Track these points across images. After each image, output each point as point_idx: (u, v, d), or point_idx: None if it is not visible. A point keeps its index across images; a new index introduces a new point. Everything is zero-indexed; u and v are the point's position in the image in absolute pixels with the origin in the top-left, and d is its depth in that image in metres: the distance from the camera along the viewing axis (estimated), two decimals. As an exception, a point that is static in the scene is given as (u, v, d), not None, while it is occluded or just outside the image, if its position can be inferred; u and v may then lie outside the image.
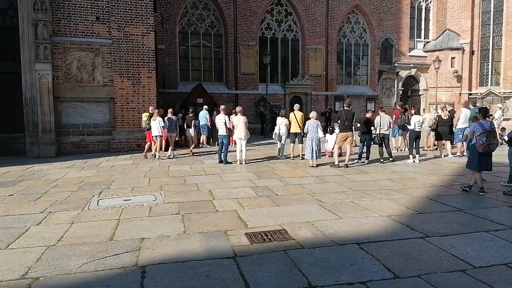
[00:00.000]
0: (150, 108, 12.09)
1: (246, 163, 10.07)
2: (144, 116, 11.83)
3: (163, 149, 11.50)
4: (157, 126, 11.08)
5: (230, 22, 20.31)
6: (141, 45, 12.90)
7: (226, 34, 20.54)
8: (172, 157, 11.45)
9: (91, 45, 12.48)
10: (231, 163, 10.17)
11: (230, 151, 10.88)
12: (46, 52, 11.74)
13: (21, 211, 5.68)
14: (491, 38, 23.95)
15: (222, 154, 10.27)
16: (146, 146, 11.68)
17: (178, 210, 5.59)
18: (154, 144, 11.37)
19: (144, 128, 11.72)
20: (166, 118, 11.59)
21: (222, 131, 10.38)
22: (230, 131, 10.61)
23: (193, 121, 13.20)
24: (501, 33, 23.55)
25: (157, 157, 11.17)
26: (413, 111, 11.28)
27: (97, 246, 4.15)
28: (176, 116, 12.77)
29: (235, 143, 10.92)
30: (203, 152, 12.85)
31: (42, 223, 5.08)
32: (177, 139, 13.06)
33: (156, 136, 11.18)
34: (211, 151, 12.73)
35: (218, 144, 10.89)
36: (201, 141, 14.31)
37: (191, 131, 13.10)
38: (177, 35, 19.76)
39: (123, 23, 12.63)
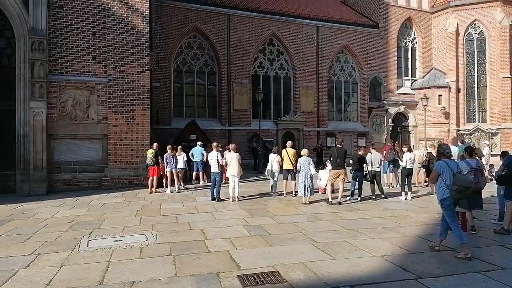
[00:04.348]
0: (155, 144, 12.32)
1: (239, 200, 10.05)
2: (150, 153, 12.00)
3: (177, 182, 12.44)
4: (182, 160, 12.66)
5: (223, 61, 20.89)
6: (136, 83, 13.16)
7: (220, 72, 21.05)
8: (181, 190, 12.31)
9: (87, 84, 12.70)
10: (224, 200, 10.14)
11: (223, 185, 10.92)
12: (42, 90, 11.89)
13: (9, 252, 5.56)
14: (475, 76, 24.87)
15: (214, 191, 10.26)
16: (150, 182, 11.87)
17: (169, 251, 5.52)
18: (164, 178, 12.46)
19: (149, 164, 11.92)
20: (169, 154, 12.13)
21: (214, 168, 10.44)
22: (222, 168, 10.67)
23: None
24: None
25: (176, 189, 12.08)
26: (405, 149, 11.47)
27: (86, 291, 4.07)
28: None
29: (228, 180, 10.94)
30: (195, 187, 12.81)
31: (31, 265, 4.97)
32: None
33: (182, 169, 12.74)
34: (198, 187, 12.71)
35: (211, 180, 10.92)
36: (193, 177, 14.32)
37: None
38: (172, 73, 20.19)
39: (119, 62, 12.94)
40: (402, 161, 11.07)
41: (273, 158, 11.29)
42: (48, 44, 12.10)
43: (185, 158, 13.08)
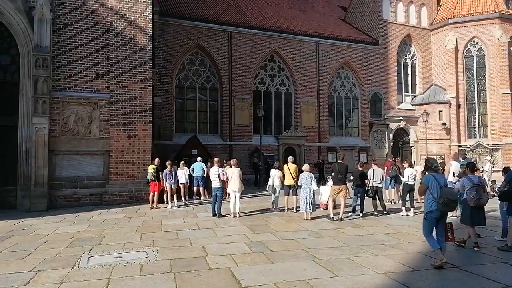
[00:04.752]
0: (156, 160, 12.36)
1: (240, 216, 9.99)
2: (151, 169, 12.03)
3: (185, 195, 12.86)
4: (184, 175, 12.86)
5: (225, 77, 21.09)
6: (138, 99, 13.26)
7: (222, 88, 21.23)
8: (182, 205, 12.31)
9: (89, 100, 12.80)
10: (225, 216, 10.09)
11: (224, 201, 10.90)
12: (45, 106, 11.97)
13: (9, 269, 5.52)
14: (475, 92, 25.01)
15: (216, 206, 10.22)
16: (151, 197, 11.88)
17: (170, 268, 5.47)
18: (165, 193, 12.38)
19: (150, 180, 11.96)
20: (167, 170, 12.16)
21: (216, 183, 10.41)
22: (224, 184, 10.66)
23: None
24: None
25: (176, 203, 12.04)
26: (406, 164, 11.46)
27: (86, 309, 4.02)
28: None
29: (229, 195, 10.91)
30: (195, 203, 12.76)
31: (31, 282, 4.93)
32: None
33: (184, 183, 12.91)
34: (199, 203, 12.66)
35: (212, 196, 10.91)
36: (194, 193, 14.28)
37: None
38: (174, 89, 20.37)
39: (122, 78, 13.07)
40: (403, 177, 11.05)
41: (274, 173, 11.28)
42: (52, 60, 12.24)
43: (187, 173, 13.19)
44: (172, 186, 12.25)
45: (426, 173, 6.06)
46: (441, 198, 5.42)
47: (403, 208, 10.47)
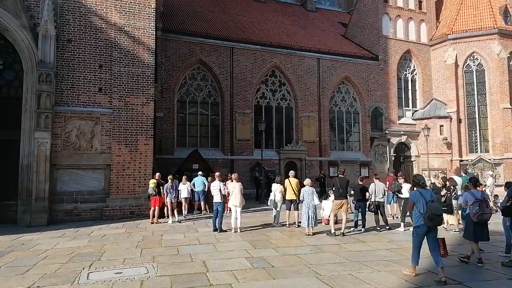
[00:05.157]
0: (157, 174, 12.39)
1: (241, 231, 9.91)
2: (152, 183, 12.03)
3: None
4: (186, 189, 12.87)
5: (226, 92, 21.24)
6: (140, 114, 13.33)
7: (223, 103, 21.35)
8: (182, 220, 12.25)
9: (92, 114, 12.87)
10: (226, 231, 10.02)
11: (225, 216, 10.84)
12: (47, 121, 12.04)
13: (8, 285, 5.47)
14: (476, 107, 25.09)
15: (217, 221, 10.15)
16: (151, 212, 11.83)
17: (170, 284, 5.42)
18: (165, 208, 12.32)
19: (150, 194, 11.94)
20: (169, 184, 12.14)
21: (217, 198, 10.38)
22: (225, 198, 10.62)
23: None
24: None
25: (177, 218, 12.02)
26: (401, 180, 11.44)
27: (85, 326, 3.97)
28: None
29: (230, 210, 10.86)
30: (196, 218, 12.68)
31: (29, 299, 4.88)
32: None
33: (186, 198, 12.89)
34: (200, 217, 12.58)
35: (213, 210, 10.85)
36: (195, 207, 14.21)
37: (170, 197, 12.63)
38: (176, 104, 20.49)
39: (125, 93, 13.17)
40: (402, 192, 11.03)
41: (276, 188, 11.24)
42: (55, 76, 12.37)
43: (189, 187, 13.21)
44: (173, 201, 12.22)
45: (414, 188, 6.27)
46: (426, 213, 5.60)
47: (402, 224, 10.37)
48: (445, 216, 9.84)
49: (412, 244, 5.96)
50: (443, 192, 9.97)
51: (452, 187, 10.21)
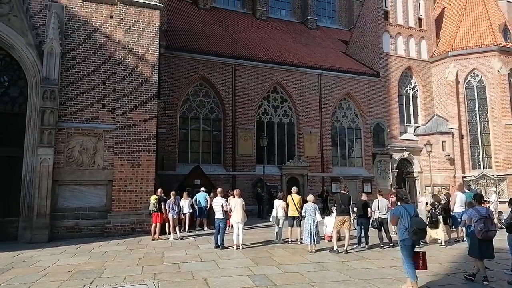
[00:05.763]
0: (159, 190, 12.39)
1: (243, 248, 9.83)
2: (153, 199, 12.00)
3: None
4: (188, 205, 13.04)
5: (229, 108, 21.36)
6: (143, 130, 13.40)
7: (225, 119, 21.46)
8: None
9: (95, 131, 12.93)
10: (227, 248, 9.93)
11: (227, 232, 10.77)
12: (50, 137, 12.10)
13: (7, 303, 5.41)
14: (478, 123, 25.08)
15: (218, 238, 10.07)
16: (153, 229, 11.78)
17: (172, 302, 5.34)
18: (167, 224, 12.34)
19: (152, 210, 11.90)
20: (171, 200, 12.14)
21: (219, 214, 10.32)
22: (227, 214, 10.56)
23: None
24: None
25: (178, 234, 11.97)
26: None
27: None
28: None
29: (232, 226, 10.78)
30: (198, 234, 12.59)
31: (28, 317, 4.81)
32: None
33: (186, 213, 13.06)
34: (202, 234, 12.49)
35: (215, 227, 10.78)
36: (197, 224, 14.13)
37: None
38: (178, 120, 20.60)
39: (128, 110, 13.26)
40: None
41: (278, 204, 11.18)
42: (60, 92, 12.46)
43: (191, 203, 13.17)
44: (175, 217, 12.16)
45: (398, 203, 6.41)
46: (411, 228, 5.79)
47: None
48: (430, 230, 9.96)
49: (403, 257, 6.03)
50: (428, 207, 10.17)
51: (436, 203, 10.53)
